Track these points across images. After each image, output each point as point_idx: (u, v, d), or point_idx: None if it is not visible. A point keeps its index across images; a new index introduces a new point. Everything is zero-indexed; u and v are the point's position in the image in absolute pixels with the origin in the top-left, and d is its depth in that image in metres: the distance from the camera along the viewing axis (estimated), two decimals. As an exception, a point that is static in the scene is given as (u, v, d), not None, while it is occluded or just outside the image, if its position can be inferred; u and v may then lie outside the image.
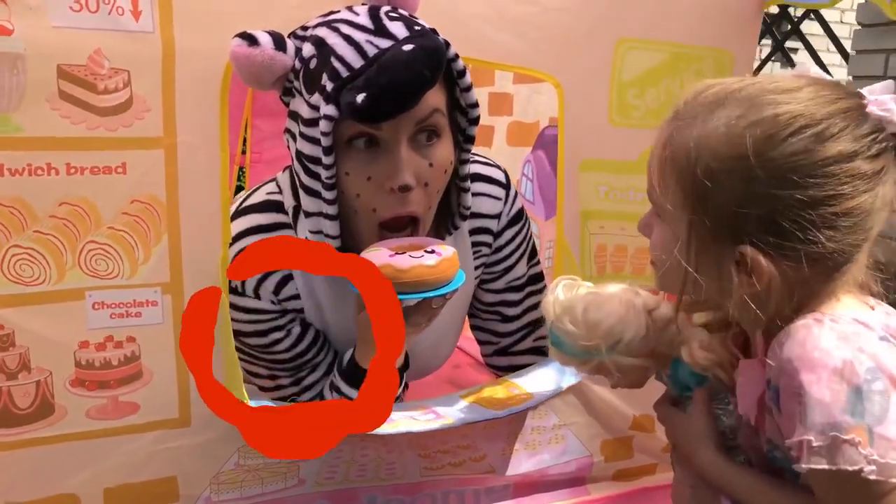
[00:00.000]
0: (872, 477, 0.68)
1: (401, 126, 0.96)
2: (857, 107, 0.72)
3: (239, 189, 2.01)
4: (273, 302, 1.09)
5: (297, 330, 1.11)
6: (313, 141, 0.96)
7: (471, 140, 1.06)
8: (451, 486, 1.22)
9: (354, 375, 1.07)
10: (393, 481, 1.18)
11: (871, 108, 0.72)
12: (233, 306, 1.06)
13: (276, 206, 1.09)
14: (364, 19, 0.96)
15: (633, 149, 1.21)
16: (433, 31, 0.98)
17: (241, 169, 2.07)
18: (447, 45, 0.97)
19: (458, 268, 0.99)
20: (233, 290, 1.07)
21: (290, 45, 0.97)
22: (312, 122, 0.96)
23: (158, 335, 0.97)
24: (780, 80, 0.75)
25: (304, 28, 0.99)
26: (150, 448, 1.00)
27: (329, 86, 0.93)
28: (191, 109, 0.93)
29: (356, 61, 0.93)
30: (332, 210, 0.99)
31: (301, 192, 1.02)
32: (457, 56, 0.99)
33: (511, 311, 1.27)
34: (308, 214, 1.02)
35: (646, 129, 1.21)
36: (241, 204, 1.12)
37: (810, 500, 0.74)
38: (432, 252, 0.97)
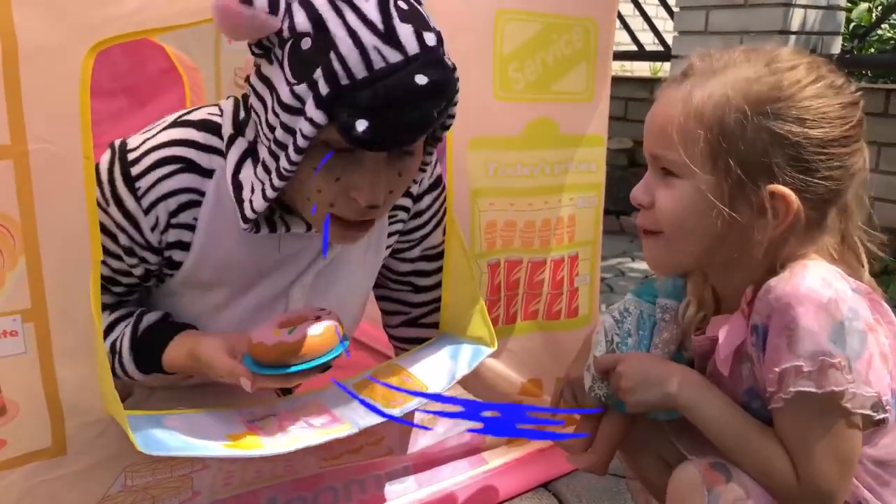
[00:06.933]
0: (848, 404, 0.76)
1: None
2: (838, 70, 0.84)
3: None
4: (160, 230, 0.98)
5: (140, 271, 1.02)
6: (287, 129, 0.87)
7: (438, 140, 1.02)
8: (351, 474, 1.20)
9: (147, 354, 1.00)
10: (291, 476, 1.14)
11: None
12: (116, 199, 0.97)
13: (215, 129, 1.00)
14: (373, 10, 0.85)
15: (517, 123, 1.20)
16: (439, 39, 0.88)
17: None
18: (454, 68, 0.89)
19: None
20: (131, 177, 0.97)
21: (282, 3, 0.86)
22: (292, 110, 0.86)
23: (21, 366, 0.86)
24: (776, 47, 0.84)
25: None
26: (23, 484, 0.90)
27: (324, 88, 0.83)
28: (43, 112, 0.81)
29: (359, 70, 0.83)
30: (272, 194, 0.92)
31: (261, 145, 0.94)
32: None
33: (424, 282, 1.22)
34: (260, 164, 0.94)
35: (526, 103, 1.21)
36: (179, 116, 1.02)
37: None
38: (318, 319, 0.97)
